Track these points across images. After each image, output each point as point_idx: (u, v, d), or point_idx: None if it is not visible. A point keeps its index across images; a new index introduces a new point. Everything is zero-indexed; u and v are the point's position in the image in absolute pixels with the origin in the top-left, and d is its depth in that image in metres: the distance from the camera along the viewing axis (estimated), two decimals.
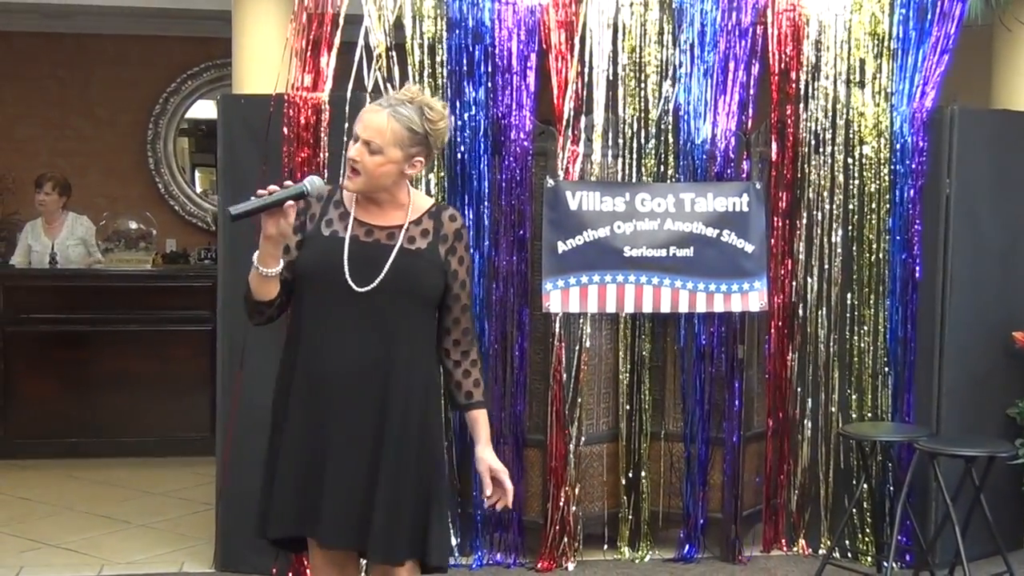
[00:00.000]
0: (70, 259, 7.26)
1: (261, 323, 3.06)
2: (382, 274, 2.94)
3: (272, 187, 2.82)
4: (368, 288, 2.93)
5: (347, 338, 2.96)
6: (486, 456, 3.12)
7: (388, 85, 4.71)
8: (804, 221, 5.15)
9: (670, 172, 5.03)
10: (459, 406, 3.17)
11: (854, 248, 5.10)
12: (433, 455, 3.09)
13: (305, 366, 2.99)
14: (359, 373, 2.96)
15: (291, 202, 2.83)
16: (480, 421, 3.14)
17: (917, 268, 5.00)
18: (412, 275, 2.99)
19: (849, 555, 5.12)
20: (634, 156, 5.02)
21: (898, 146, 5.02)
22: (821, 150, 5.12)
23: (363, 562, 3.34)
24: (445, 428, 4.22)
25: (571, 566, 4.96)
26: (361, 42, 4.76)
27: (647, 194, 4.92)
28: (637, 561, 5.08)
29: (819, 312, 5.15)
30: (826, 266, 5.14)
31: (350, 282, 2.93)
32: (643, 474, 5.12)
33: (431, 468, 3.06)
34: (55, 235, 7.32)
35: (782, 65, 5.12)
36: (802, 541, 5.24)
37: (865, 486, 4.96)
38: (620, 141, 5.02)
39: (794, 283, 5.17)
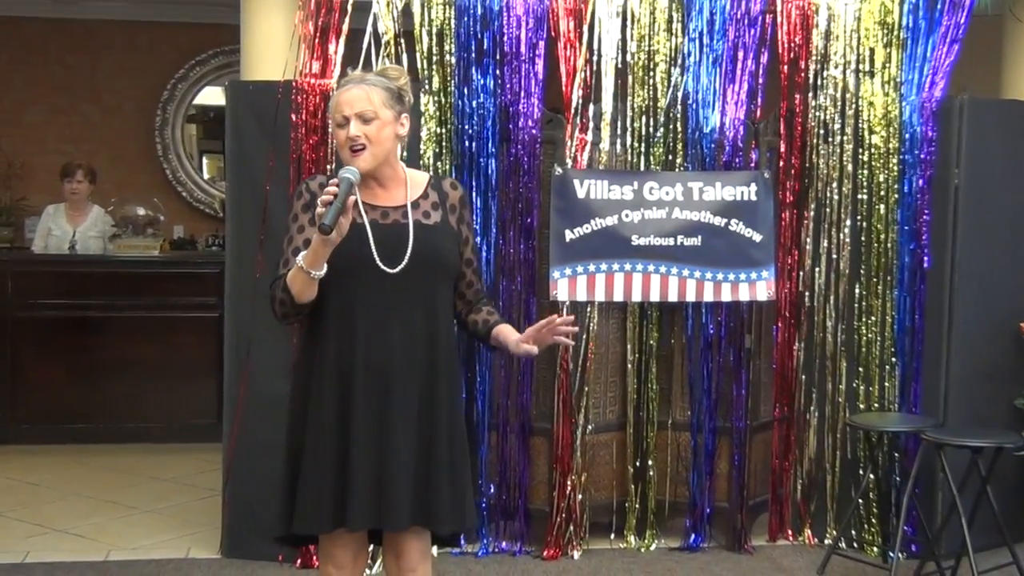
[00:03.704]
0: (88, 249, 7.27)
1: (293, 323, 3.08)
2: (408, 252, 2.99)
3: (330, 188, 2.79)
4: (399, 268, 2.97)
5: (387, 322, 2.99)
6: (517, 339, 3.12)
7: None
8: (812, 211, 5.15)
9: (678, 161, 5.02)
10: (483, 335, 3.21)
11: (862, 238, 5.09)
12: (462, 421, 3.19)
13: (340, 357, 2.98)
14: (407, 354, 3.00)
15: (352, 196, 2.83)
16: (505, 326, 3.18)
17: (925, 258, 4.99)
18: (435, 249, 3.05)
19: (855, 545, 5.12)
20: (642, 145, 5.02)
21: (907, 136, 5.00)
22: (830, 139, 5.10)
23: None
24: None
25: (577, 555, 4.97)
26: (369, 29, 4.76)
27: (655, 183, 4.91)
28: (643, 550, 5.08)
29: (827, 302, 5.15)
30: (834, 256, 5.13)
31: (381, 266, 2.96)
32: (649, 463, 5.12)
33: (464, 436, 3.16)
34: (78, 224, 7.32)
35: (791, 54, 5.11)
36: (808, 531, 5.24)
37: (871, 476, 4.97)
38: (629, 129, 5.01)
39: (802, 273, 5.17)
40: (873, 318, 5.09)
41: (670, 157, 5.02)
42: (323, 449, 2.98)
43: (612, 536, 5.17)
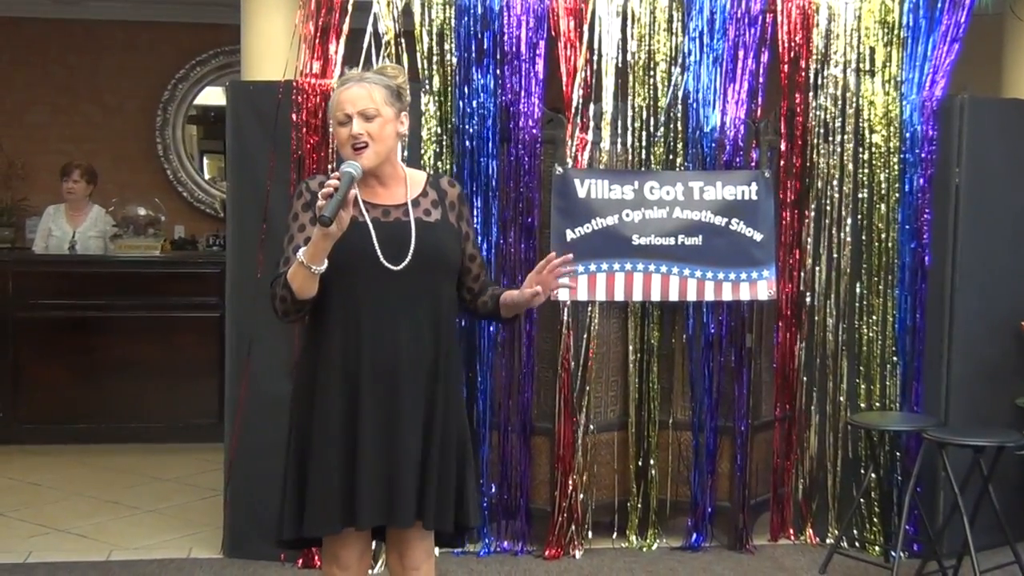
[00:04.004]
0: (89, 249, 7.27)
1: (294, 321, 3.08)
2: (411, 250, 2.99)
3: (332, 181, 2.78)
4: (402, 266, 2.98)
5: (393, 320, 2.99)
6: (522, 290, 3.15)
7: None
8: (813, 210, 5.14)
9: (679, 160, 5.02)
10: (493, 309, 3.22)
11: (863, 237, 5.09)
12: (465, 418, 3.20)
13: (346, 356, 2.98)
14: (413, 352, 3.00)
15: (353, 191, 2.84)
16: (509, 291, 3.20)
17: (926, 257, 4.99)
18: (436, 247, 3.06)
19: (857, 544, 5.12)
20: (643, 144, 5.01)
21: (908, 135, 5.00)
22: (830, 139, 5.10)
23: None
24: None
25: (578, 554, 4.96)
26: (370, 29, 4.76)
27: (656, 182, 4.91)
28: (645, 549, 5.08)
29: (827, 301, 5.14)
30: (835, 255, 5.12)
31: (385, 263, 2.96)
32: (651, 462, 5.11)
33: (467, 433, 3.17)
34: (78, 224, 7.32)
35: (791, 53, 5.11)
36: (810, 530, 5.24)
37: (873, 475, 4.96)
38: (629, 129, 5.01)
39: (802, 272, 5.16)
40: (874, 317, 5.09)
41: (671, 156, 5.02)
42: (331, 450, 2.97)
43: (614, 535, 5.17)
